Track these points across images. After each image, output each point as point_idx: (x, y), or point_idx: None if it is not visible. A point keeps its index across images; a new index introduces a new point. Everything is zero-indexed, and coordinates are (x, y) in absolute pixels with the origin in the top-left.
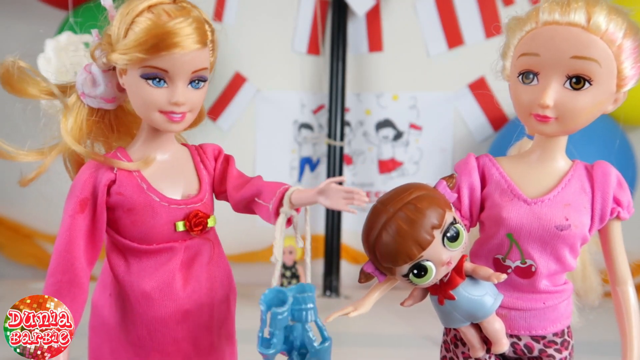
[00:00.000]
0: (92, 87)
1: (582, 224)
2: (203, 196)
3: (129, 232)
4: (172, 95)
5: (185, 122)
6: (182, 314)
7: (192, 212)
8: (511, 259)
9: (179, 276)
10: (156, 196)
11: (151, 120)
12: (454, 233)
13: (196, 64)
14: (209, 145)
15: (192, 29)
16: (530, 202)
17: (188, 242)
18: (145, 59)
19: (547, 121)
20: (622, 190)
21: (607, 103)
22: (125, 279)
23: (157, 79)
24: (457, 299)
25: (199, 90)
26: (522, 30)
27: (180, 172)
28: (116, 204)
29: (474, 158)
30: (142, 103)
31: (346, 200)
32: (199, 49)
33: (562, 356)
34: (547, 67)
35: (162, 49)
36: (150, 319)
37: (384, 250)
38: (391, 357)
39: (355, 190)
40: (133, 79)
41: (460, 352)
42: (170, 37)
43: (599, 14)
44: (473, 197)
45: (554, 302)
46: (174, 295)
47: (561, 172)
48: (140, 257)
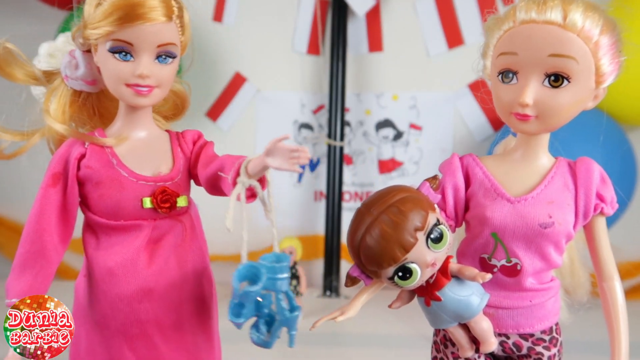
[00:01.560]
0: (74, 69)
1: (565, 221)
2: (175, 175)
3: (98, 206)
4: (136, 68)
5: (153, 97)
6: (145, 292)
7: (159, 189)
8: (497, 258)
9: (143, 254)
10: (124, 171)
11: (120, 94)
12: (438, 234)
13: (161, 37)
14: (189, 131)
15: (156, 3)
16: (513, 201)
17: (158, 222)
18: (112, 31)
19: (527, 120)
20: (605, 186)
21: (587, 100)
22: (94, 255)
23: (124, 52)
24: (443, 299)
25: (167, 66)
26: (501, 29)
27: (154, 151)
28: (85, 177)
29: (457, 158)
30: (110, 76)
31: (292, 160)
32: (164, 22)
33: (550, 353)
34: (526, 66)
35: (126, 21)
36: (114, 297)
37: (368, 254)
38: (390, 357)
39: (300, 148)
40: (102, 54)
41: (449, 352)
42: (135, 9)
43: (575, 11)
44: (457, 197)
45: (541, 299)
46: (136, 272)
47: (544, 169)
48: (110, 233)
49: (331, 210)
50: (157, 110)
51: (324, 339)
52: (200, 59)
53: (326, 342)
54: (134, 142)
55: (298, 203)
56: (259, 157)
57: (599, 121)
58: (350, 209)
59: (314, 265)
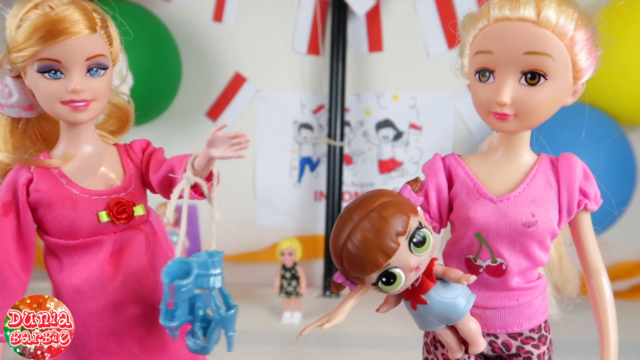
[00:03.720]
0: (7, 97)
1: (549, 219)
2: (128, 186)
3: (54, 228)
4: (68, 84)
5: (91, 111)
6: (115, 305)
7: (114, 201)
8: (482, 258)
9: (107, 268)
10: (75, 189)
11: (57, 113)
12: (420, 238)
13: (88, 50)
14: (137, 141)
15: (77, 16)
16: (496, 201)
17: (118, 235)
18: (36, 52)
19: (506, 119)
20: (588, 181)
21: (566, 96)
22: (58, 277)
23: (53, 70)
24: (429, 302)
25: (100, 78)
26: (475, 27)
27: (103, 165)
28: (36, 201)
29: (439, 158)
30: (44, 97)
31: (233, 147)
32: (88, 34)
33: (540, 351)
34: (502, 64)
35: (50, 38)
36: (85, 315)
37: (350, 260)
38: (389, 357)
39: (239, 134)
40: (32, 76)
41: (439, 353)
42: (56, 25)
43: (549, 7)
44: (441, 198)
45: (528, 298)
46: (103, 287)
47: (526, 167)
48: (70, 253)
49: (331, 211)
50: (102, 127)
51: (323, 339)
52: (200, 59)
53: (325, 343)
54: (81, 159)
55: (298, 203)
56: (203, 151)
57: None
58: None
59: (314, 265)
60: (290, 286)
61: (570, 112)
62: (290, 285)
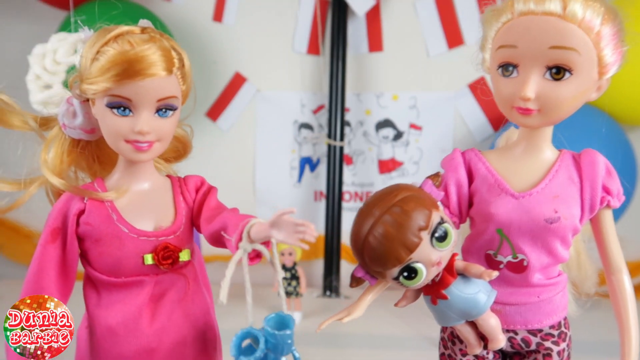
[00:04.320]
0: (72, 118)
1: (571, 216)
2: (177, 229)
3: (98, 263)
4: (135, 124)
5: (154, 151)
6: (147, 352)
7: (161, 245)
8: (502, 254)
9: (146, 312)
10: (125, 227)
11: (119, 150)
12: (442, 233)
13: (161, 92)
14: (191, 177)
15: (156, 57)
16: (518, 196)
17: (160, 277)
18: (109, 88)
19: (529, 114)
20: (611, 178)
21: (590, 91)
22: (95, 312)
23: (122, 107)
24: (450, 298)
25: (167, 119)
26: (498, 21)
27: (155, 203)
28: (84, 234)
29: (459, 153)
30: (109, 132)
31: (297, 234)
32: (163, 77)
33: (559, 348)
34: (526, 58)
35: (124, 78)
36: (115, 356)
37: (372, 254)
38: (390, 357)
39: (306, 223)
40: (100, 108)
41: (457, 349)
42: (134, 65)
43: (575, 1)
44: (461, 193)
45: (549, 295)
46: (138, 331)
47: (548, 163)
48: (111, 290)
49: (331, 211)
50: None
51: (324, 339)
52: (200, 59)
53: (326, 343)
54: (135, 195)
55: (298, 203)
56: (263, 225)
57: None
58: (350, 209)
59: (313, 265)
60: (290, 286)
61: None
62: (290, 285)
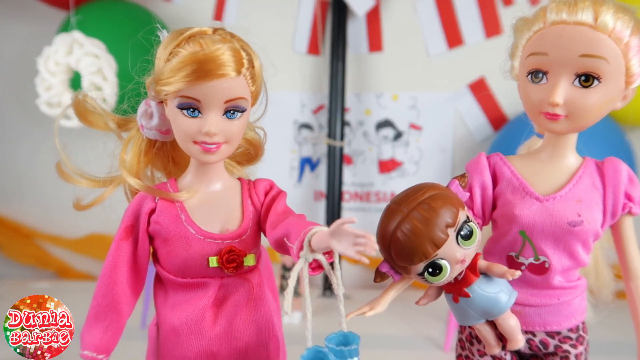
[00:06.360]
0: (149, 119)
1: (594, 220)
2: (243, 232)
3: (166, 263)
4: (203, 125)
5: (221, 153)
6: (208, 356)
7: (226, 248)
8: (524, 255)
9: (209, 314)
10: (192, 228)
11: (188, 150)
12: (468, 231)
13: (230, 93)
14: (261, 180)
15: (225, 58)
16: (542, 199)
17: (224, 280)
18: (180, 89)
19: (557, 119)
20: (633, 185)
21: (616, 100)
22: (162, 311)
23: (192, 108)
24: (471, 296)
25: (236, 121)
26: (530, 30)
27: (224, 206)
28: (154, 232)
29: (484, 157)
30: (178, 132)
31: (357, 247)
32: (232, 78)
33: (577, 351)
34: (556, 65)
35: (195, 78)
36: (178, 357)
37: (399, 249)
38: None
39: (367, 235)
40: (171, 109)
41: (475, 349)
42: (202, 65)
43: (606, 12)
44: (485, 195)
45: (568, 297)
46: (200, 334)
47: (572, 169)
48: (177, 290)
49: (331, 210)
50: (231, 157)
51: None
52: None
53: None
54: (204, 195)
55: (298, 203)
56: (324, 234)
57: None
58: (350, 209)
59: None
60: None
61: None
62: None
